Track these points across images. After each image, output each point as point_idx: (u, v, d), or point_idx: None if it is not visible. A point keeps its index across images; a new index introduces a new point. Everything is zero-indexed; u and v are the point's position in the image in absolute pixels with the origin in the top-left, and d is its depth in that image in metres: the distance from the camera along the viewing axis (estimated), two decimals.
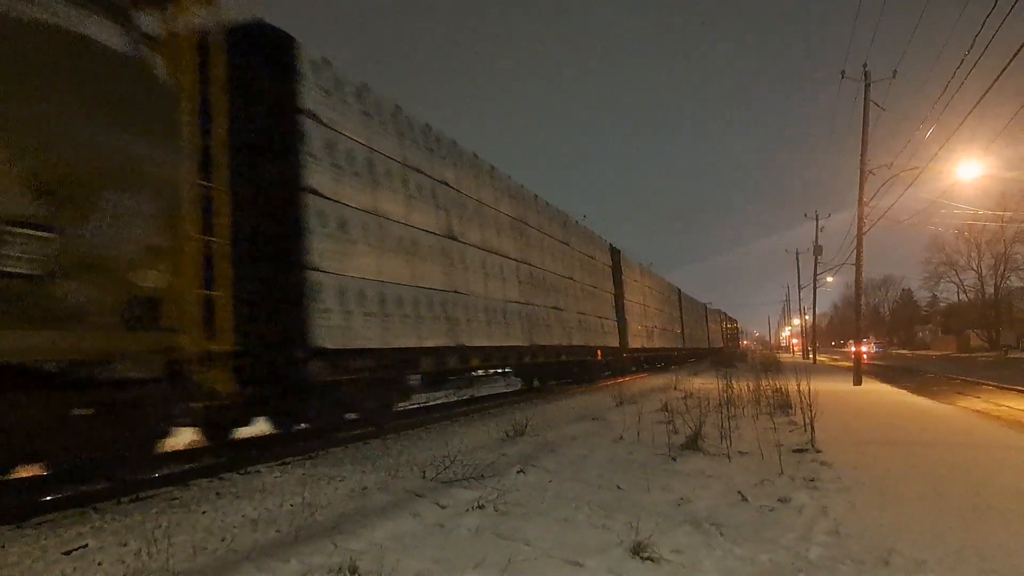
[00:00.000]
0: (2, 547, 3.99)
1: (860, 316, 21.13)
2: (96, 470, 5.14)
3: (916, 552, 3.67)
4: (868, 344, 53.04)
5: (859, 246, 19.22)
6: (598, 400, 13.44)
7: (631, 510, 4.46)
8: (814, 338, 49.51)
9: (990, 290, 64.42)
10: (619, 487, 5.26)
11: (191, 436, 7.49)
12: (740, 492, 5.03)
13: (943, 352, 62.64)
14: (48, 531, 4.33)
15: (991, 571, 3.42)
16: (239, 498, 5.18)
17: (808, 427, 7.40)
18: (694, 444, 6.88)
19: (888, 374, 25.29)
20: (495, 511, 4.48)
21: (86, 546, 3.97)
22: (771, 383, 11.93)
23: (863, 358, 19.28)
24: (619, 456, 6.70)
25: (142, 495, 5.33)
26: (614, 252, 22.02)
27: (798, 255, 53.48)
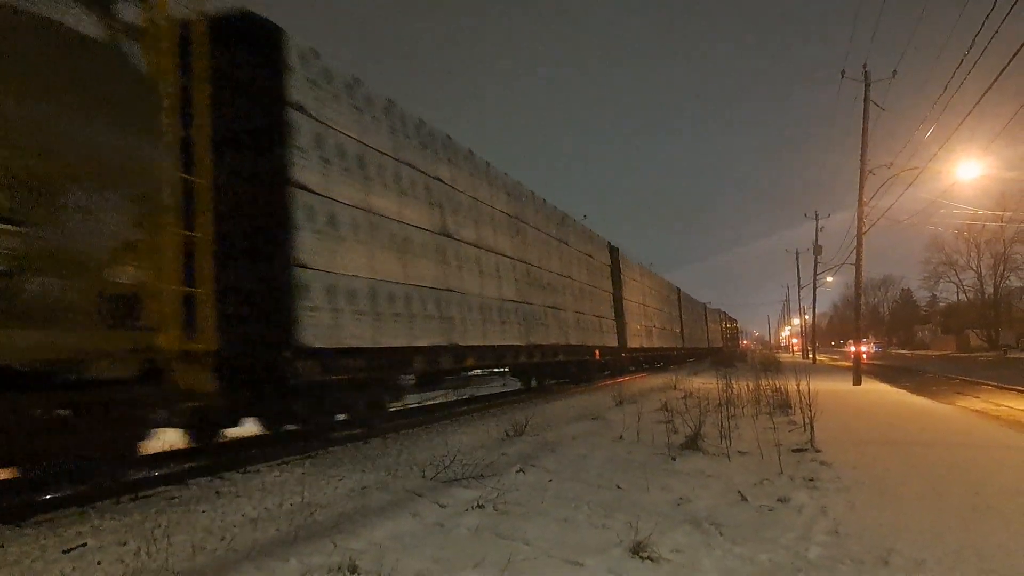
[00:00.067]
0: (1, 546, 3.98)
1: (860, 316, 21.15)
2: (73, 474, 4.99)
3: (915, 552, 3.67)
4: (867, 344, 53.09)
5: (859, 246, 19.25)
6: (598, 399, 13.44)
7: (631, 510, 4.47)
8: (814, 338, 49.58)
9: (989, 290, 64.51)
10: (619, 487, 5.26)
11: (177, 438, 7.35)
12: (740, 492, 5.04)
13: (942, 352, 62.68)
14: (47, 530, 4.33)
15: (990, 571, 3.43)
16: (239, 497, 5.18)
17: (808, 427, 7.41)
18: (694, 444, 6.89)
19: (887, 374, 25.30)
20: (495, 511, 4.48)
21: (85, 545, 3.96)
22: (770, 383, 11.95)
23: (862, 358, 19.28)
24: (619, 456, 6.70)
25: (141, 494, 5.32)
26: (612, 251, 21.77)
27: (798, 255, 53.61)
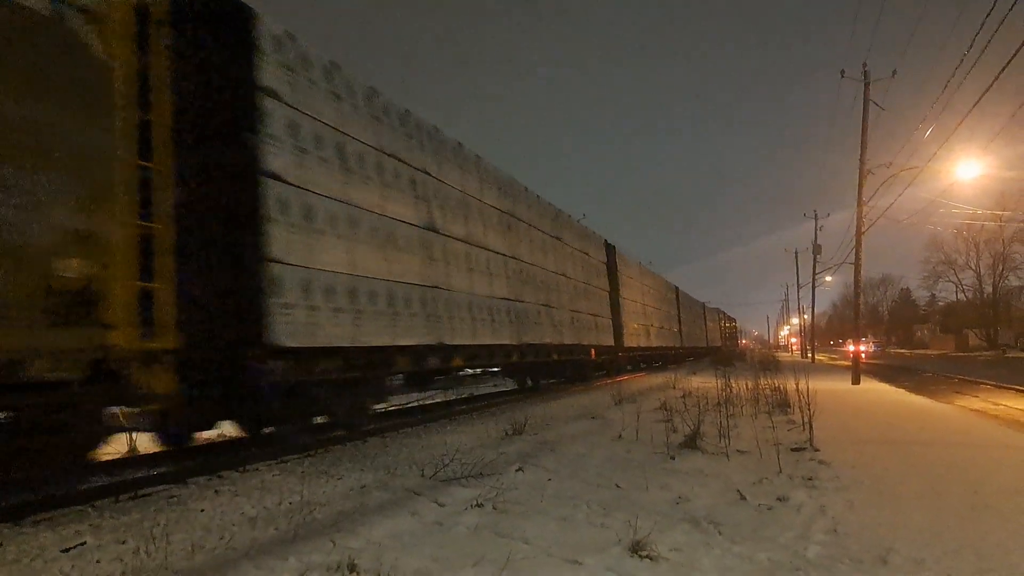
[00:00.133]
0: (0, 545, 3.98)
1: (859, 315, 21.14)
2: (18, 482, 4.79)
3: (914, 551, 3.68)
4: (866, 343, 53.19)
5: (858, 245, 19.26)
6: (597, 399, 13.45)
7: (630, 509, 4.47)
8: (812, 337, 49.61)
9: (988, 289, 64.51)
10: (618, 486, 5.27)
11: (146, 442, 7.09)
12: (739, 491, 5.04)
13: (941, 351, 62.76)
14: (46, 529, 4.33)
15: (989, 570, 3.43)
16: (237, 496, 5.18)
17: (806, 426, 7.42)
18: (693, 443, 6.89)
19: (886, 373, 25.32)
20: (494, 509, 4.49)
21: (84, 544, 3.96)
22: (769, 382, 11.96)
23: (861, 357, 19.29)
24: (618, 455, 6.70)
25: (141, 493, 5.32)
26: (609, 248, 21.38)
27: (797, 254, 53.54)
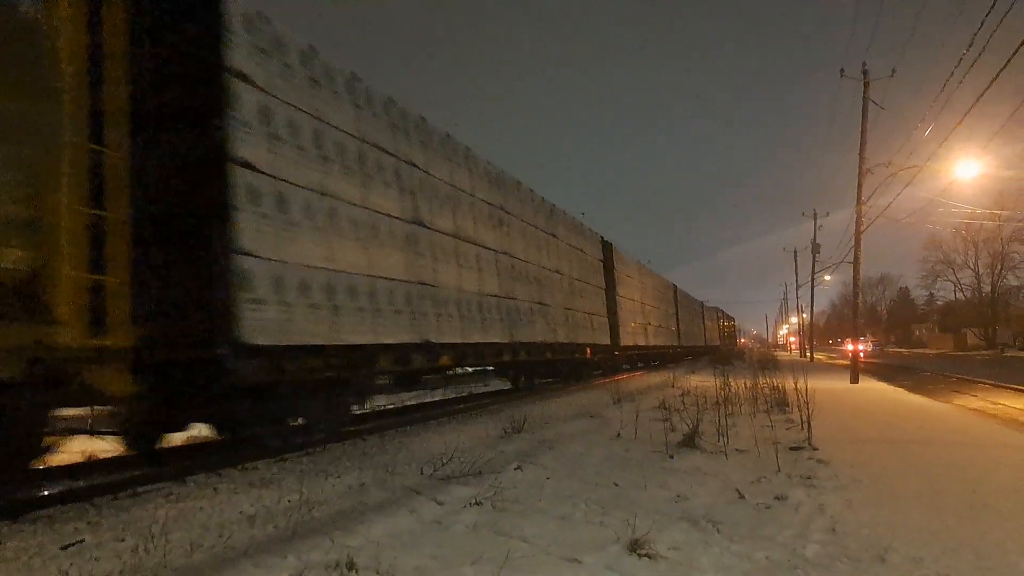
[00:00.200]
0: None
1: (857, 314, 21.16)
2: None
3: (912, 550, 3.68)
4: (865, 342, 53.15)
5: (857, 244, 19.27)
6: (595, 398, 13.45)
7: (628, 507, 4.47)
8: (811, 336, 49.68)
9: (987, 289, 64.60)
10: (616, 484, 5.27)
11: (113, 445, 6.80)
12: (737, 489, 5.04)
13: (940, 350, 62.83)
14: (44, 526, 4.33)
15: (987, 569, 3.43)
16: (236, 494, 5.18)
17: (805, 425, 7.42)
18: (691, 442, 6.89)
19: (885, 372, 25.34)
20: (493, 508, 4.49)
21: (83, 541, 3.96)
22: (768, 381, 11.96)
23: (860, 356, 19.31)
24: (616, 453, 6.71)
25: (139, 491, 5.32)
26: (606, 246, 20.96)
27: (796, 254, 53.60)
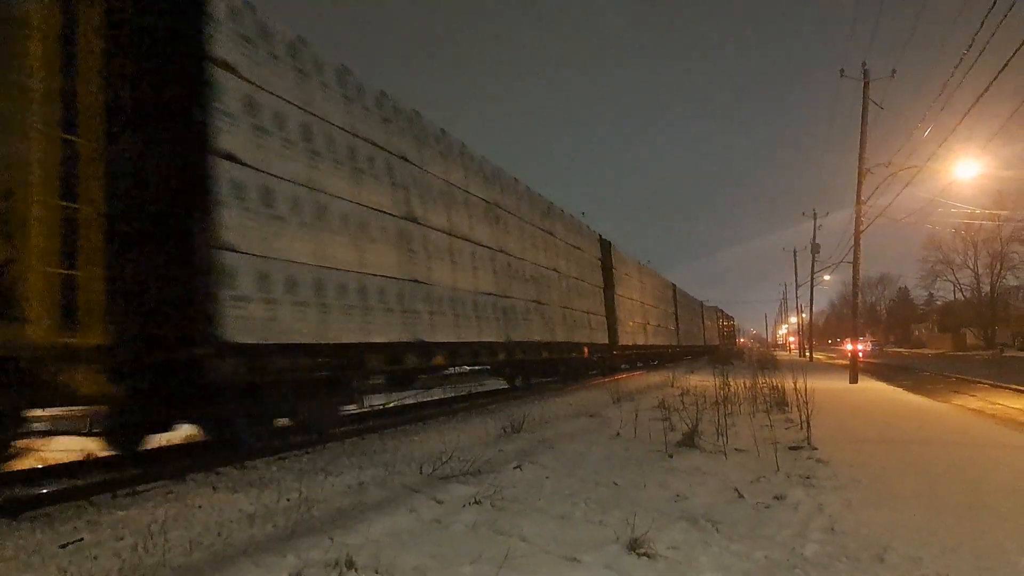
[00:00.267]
0: None
1: (857, 314, 21.16)
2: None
3: (911, 549, 3.68)
4: (864, 342, 53.28)
5: (856, 244, 19.28)
6: (595, 397, 13.45)
7: (627, 506, 4.47)
8: (811, 336, 49.71)
9: (986, 289, 64.68)
10: (616, 483, 5.27)
11: (90, 445, 6.68)
12: (736, 489, 5.04)
13: (939, 350, 62.85)
14: (43, 525, 4.32)
15: (986, 568, 3.44)
16: (235, 493, 5.17)
17: (804, 425, 7.42)
18: (690, 441, 6.89)
19: (884, 372, 25.36)
20: (492, 507, 4.49)
21: (82, 540, 3.96)
22: (767, 381, 11.97)
23: (859, 356, 19.32)
24: (616, 453, 6.71)
25: (138, 489, 5.32)
26: (604, 244, 20.67)
27: (795, 253, 53.64)
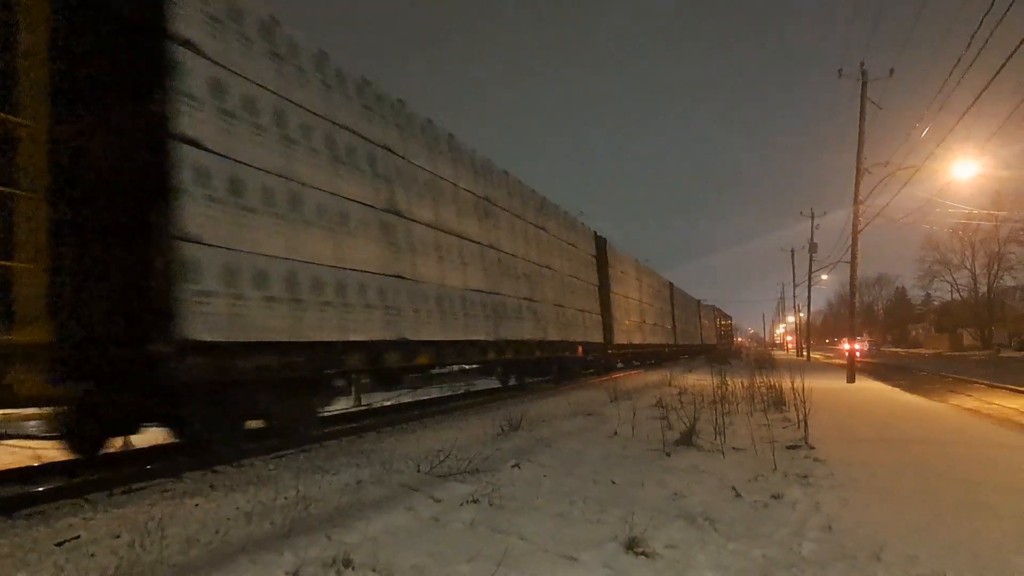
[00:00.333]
0: None
1: (854, 314, 21.18)
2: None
3: (908, 548, 3.68)
4: (861, 342, 53.31)
5: (854, 244, 19.31)
6: (593, 396, 13.45)
7: (625, 505, 4.47)
8: (808, 335, 49.76)
9: (983, 289, 64.79)
10: (613, 482, 5.27)
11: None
12: (734, 488, 5.05)
13: (936, 350, 62.99)
14: (39, 522, 4.32)
15: (983, 567, 3.44)
16: (233, 491, 5.17)
17: (802, 424, 7.43)
18: (688, 440, 6.89)
19: (881, 372, 25.40)
20: (490, 505, 4.49)
21: (79, 537, 3.95)
22: (765, 380, 11.98)
23: (856, 356, 19.35)
24: (613, 451, 6.71)
25: (135, 487, 5.31)
26: (599, 241, 20.32)
27: (793, 253, 53.72)
